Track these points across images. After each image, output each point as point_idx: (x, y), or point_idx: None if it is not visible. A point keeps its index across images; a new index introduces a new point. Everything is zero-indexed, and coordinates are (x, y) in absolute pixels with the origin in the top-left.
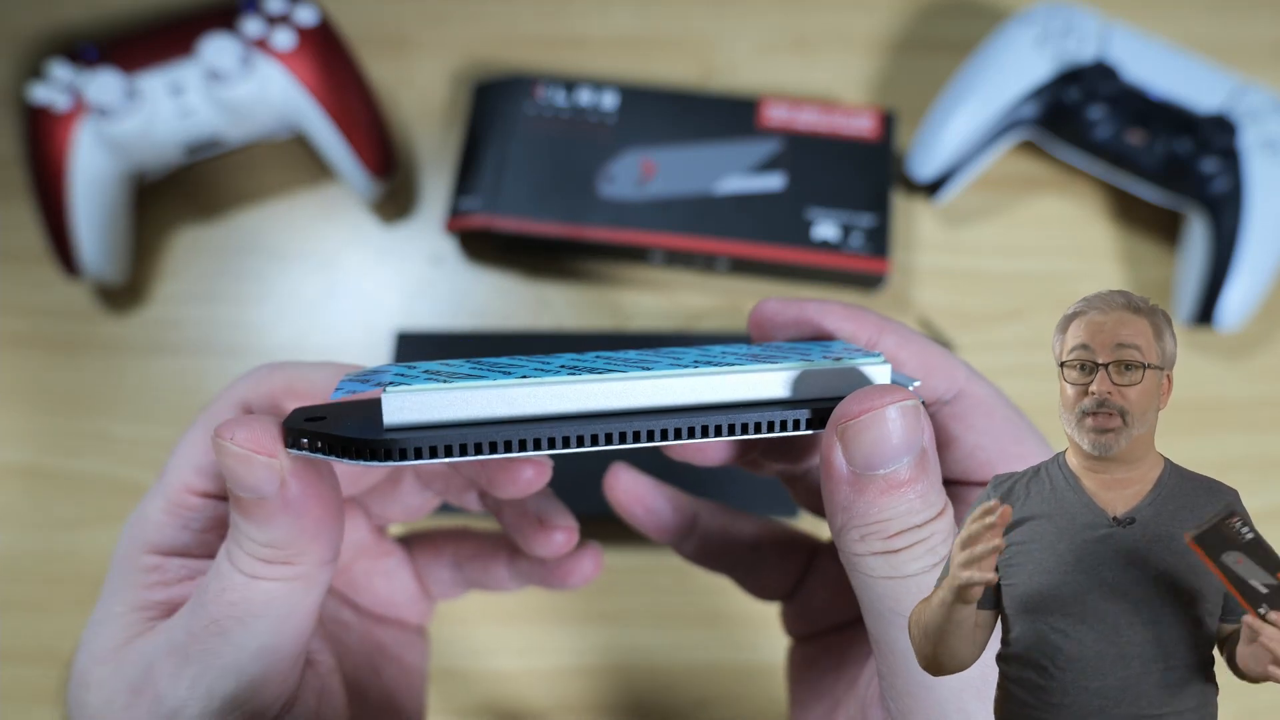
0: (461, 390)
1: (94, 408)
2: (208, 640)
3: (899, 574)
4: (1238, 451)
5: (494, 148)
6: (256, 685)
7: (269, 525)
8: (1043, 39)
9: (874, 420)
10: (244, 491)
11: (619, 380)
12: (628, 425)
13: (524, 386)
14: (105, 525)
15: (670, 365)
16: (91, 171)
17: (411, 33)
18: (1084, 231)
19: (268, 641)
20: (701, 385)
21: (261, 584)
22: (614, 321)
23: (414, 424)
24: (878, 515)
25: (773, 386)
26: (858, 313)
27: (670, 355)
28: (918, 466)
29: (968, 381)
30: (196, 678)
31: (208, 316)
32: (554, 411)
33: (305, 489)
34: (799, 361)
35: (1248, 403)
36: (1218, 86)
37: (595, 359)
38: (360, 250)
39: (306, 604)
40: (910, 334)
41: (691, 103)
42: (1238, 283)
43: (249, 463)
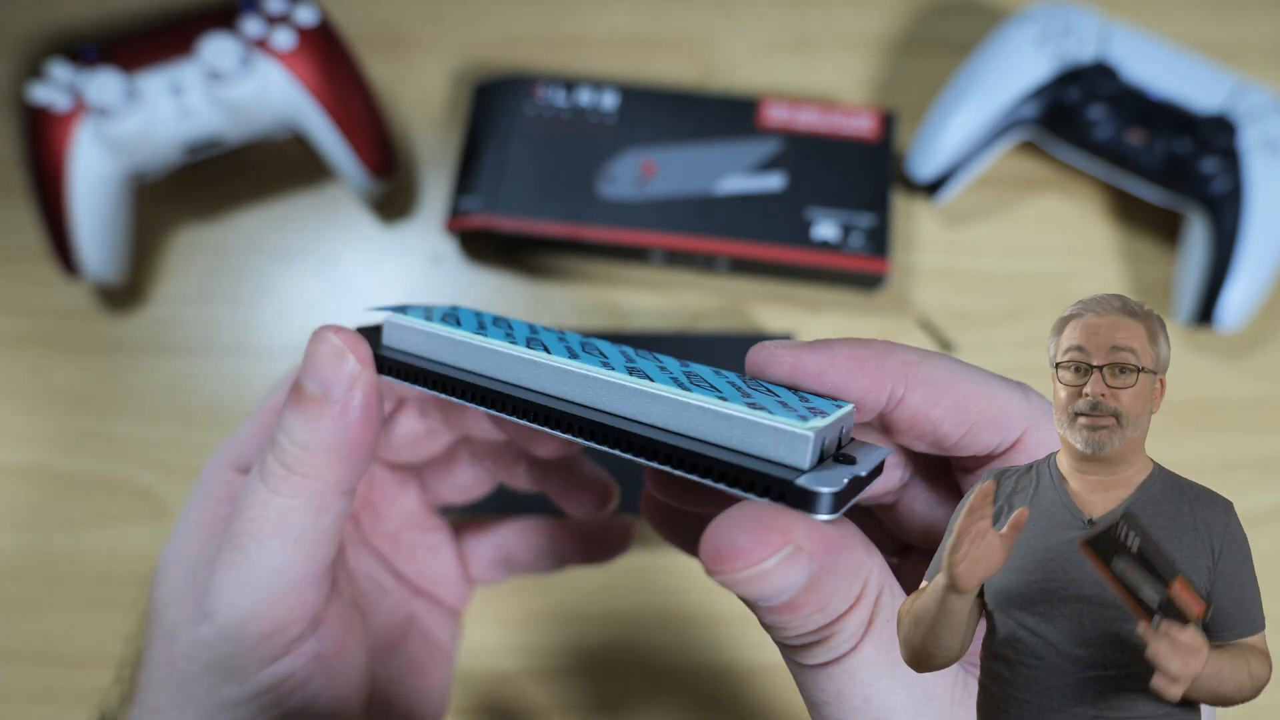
0: (441, 335)
1: (94, 408)
2: (230, 554)
3: (812, 663)
4: (1238, 451)
5: (494, 148)
6: (271, 602)
7: (317, 424)
8: (1043, 39)
9: (741, 580)
10: (316, 385)
11: (570, 369)
12: (557, 411)
13: (496, 350)
14: (105, 525)
15: (614, 369)
16: (91, 171)
17: (411, 33)
18: (1084, 231)
19: (279, 561)
20: (634, 399)
21: (278, 501)
22: (614, 321)
23: (403, 350)
24: (775, 624)
25: (699, 423)
26: (871, 361)
27: (654, 363)
28: (807, 590)
29: (1032, 426)
30: (220, 588)
31: (208, 316)
32: (513, 379)
33: (364, 401)
34: (735, 405)
35: (1248, 403)
36: (1218, 86)
37: (601, 349)
38: (360, 250)
39: (319, 529)
40: (951, 377)
41: (691, 103)
42: (1238, 283)
43: (340, 359)
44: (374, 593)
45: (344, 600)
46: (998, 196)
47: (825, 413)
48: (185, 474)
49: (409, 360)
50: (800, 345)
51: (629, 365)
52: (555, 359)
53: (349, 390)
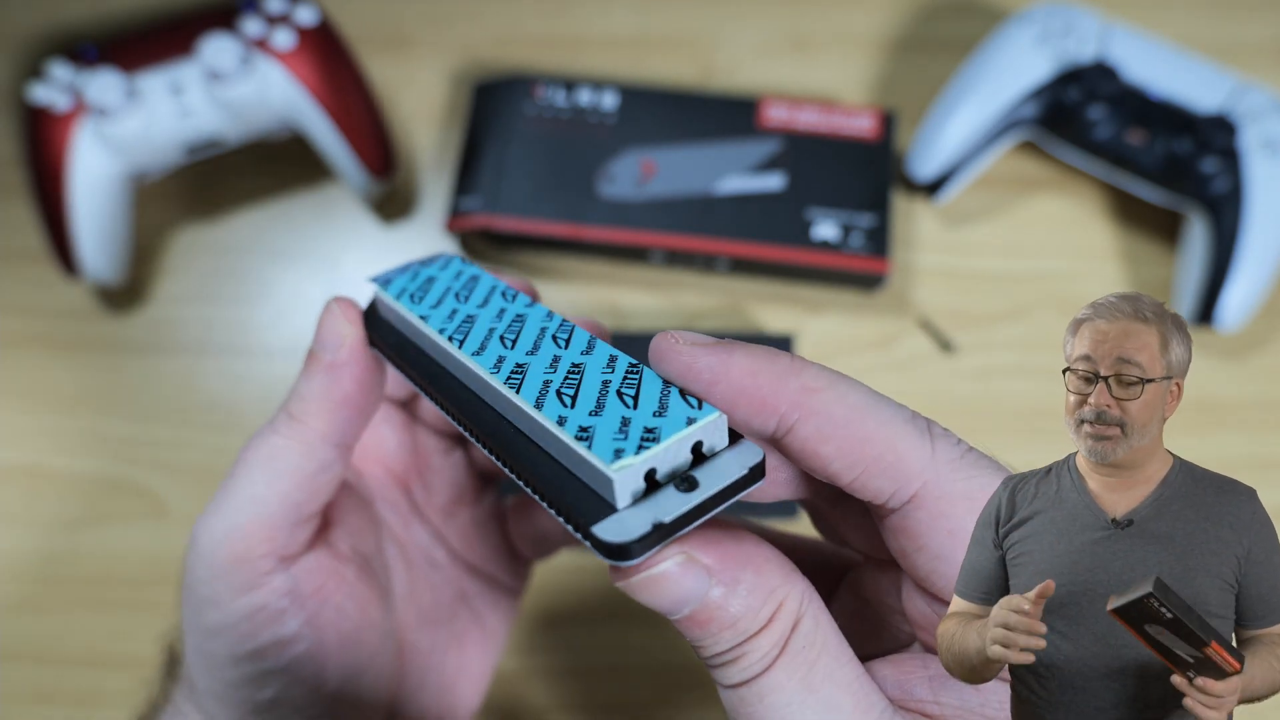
0: (400, 313)
1: (94, 408)
2: (223, 486)
3: (726, 682)
4: (1238, 451)
5: (494, 148)
6: (243, 530)
7: (312, 378)
8: (1043, 39)
9: (636, 586)
10: (317, 345)
11: (464, 363)
12: (447, 401)
13: (426, 335)
14: (105, 525)
15: (501, 367)
16: (91, 172)
17: (411, 33)
18: (1084, 231)
19: (258, 491)
20: (503, 402)
21: (272, 438)
22: (614, 321)
23: (385, 322)
24: (692, 640)
25: (546, 438)
26: (768, 380)
27: (551, 353)
28: (712, 605)
29: (932, 480)
30: (206, 513)
31: (208, 316)
32: (442, 363)
33: (352, 357)
34: (565, 431)
35: (1248, 403)
36: (1218, 86)
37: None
38: (360, 250)
39: (302, 472)
40: (851, 413)
41: (691, 103)
42: (1238, 283)
43: (334, 320)
44: (424, 565)
45: (337, 551)
46: (998, 196)
47: (657, 440)
48: (185, 474)
49: (387, 336)
50: (700, 344)
51: (519, 363)
52: (460, 353)
53: (338, 349)
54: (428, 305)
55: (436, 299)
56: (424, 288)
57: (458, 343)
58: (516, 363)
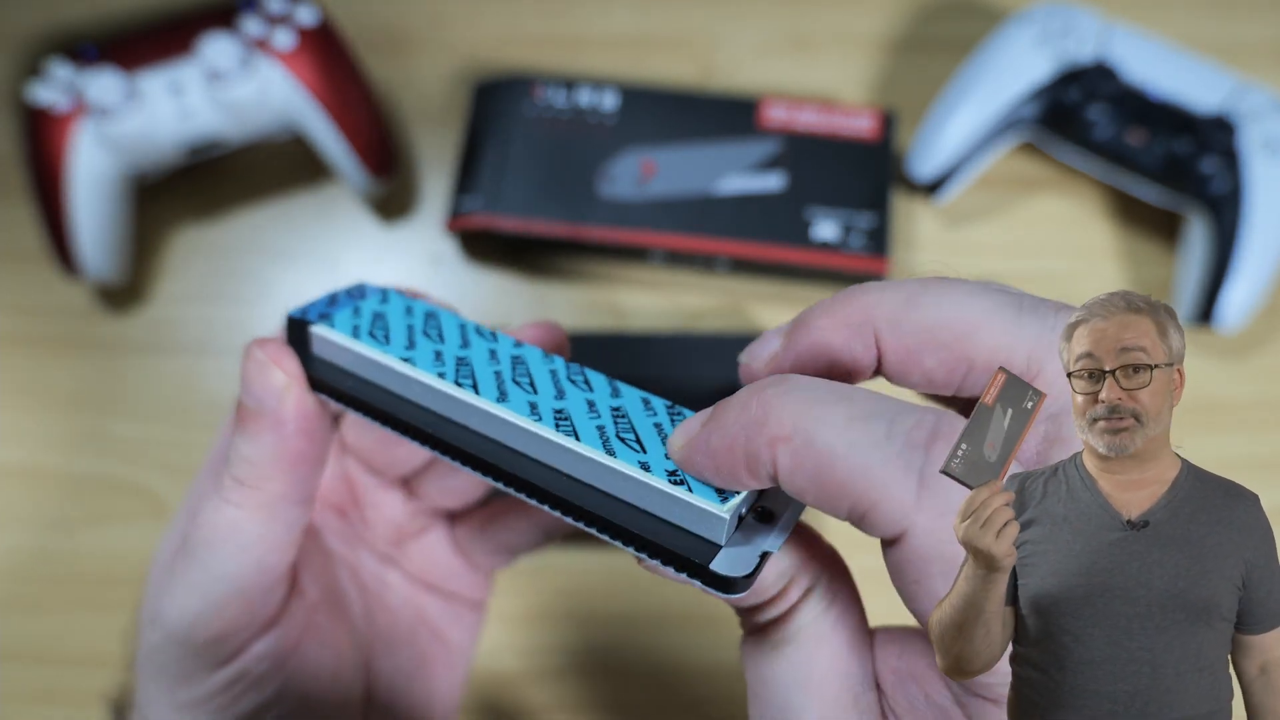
0: (366, 356)
1: (94, 408)
2: (183, 561)
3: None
4: (1238, 451)
5: (494, 148)
6: (220, 608)
7: (257, 438)
8: (1043, 39)
9: (743, 600)
10: (250, 399)
11: (496, 414)
12: (478, 456)
13: (423, 382)
14: (105, 525)
15: (540, 411)
16: (91, 171)
17: (411, 33)
18: (1084, 231)
19: (229, 569)
20: (558, 453)
21: (228, 510)
22: (614, 321)
23: (333, 364)
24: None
25: (620, 485)
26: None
27: (583, 396)
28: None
29: (911, 532)
30: (171, 594)
31: (208, 316)
32: (440, 411)
33: (299, 411)
34: (656, 477)
35: (1248, 403)
36: (1218, 86)
37: (531, 371)
38: (360, 250)
39: (270, 537)
40: (836, 449)
41: (691, 103)
42: (1238, 283)
43: (266, 372)
44: (376, 589)
45: (308, 599)
46: (998, 196)
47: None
48: (185, 474)
49: (336, 379)
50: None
51: (557, 409)
52: (482, 401)
53: (279, 403)
54: (400, 346)
55: (406, 339)
56: (379, 325)
57: (469, 388)
58: (555, 409)
